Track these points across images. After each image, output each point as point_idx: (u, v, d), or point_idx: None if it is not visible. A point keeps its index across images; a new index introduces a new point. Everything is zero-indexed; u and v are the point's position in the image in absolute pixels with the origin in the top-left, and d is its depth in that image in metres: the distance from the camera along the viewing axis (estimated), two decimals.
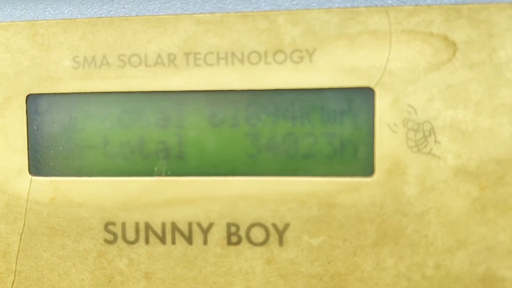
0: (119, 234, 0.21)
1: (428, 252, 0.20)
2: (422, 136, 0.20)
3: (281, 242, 0.21)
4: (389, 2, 0.20)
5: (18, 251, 0.22)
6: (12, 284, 0.22)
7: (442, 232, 0.20)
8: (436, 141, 0.20)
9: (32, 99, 0.21)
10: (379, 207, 0.20)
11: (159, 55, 0.21)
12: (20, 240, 0.22)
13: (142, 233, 0.21)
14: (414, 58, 0.19)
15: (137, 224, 0.21)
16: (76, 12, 0.21)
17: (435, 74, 0.19)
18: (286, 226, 0.20)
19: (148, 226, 0.21)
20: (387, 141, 0.20)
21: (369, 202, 0.20)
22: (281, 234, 0.20)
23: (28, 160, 0.21)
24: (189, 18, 0.20)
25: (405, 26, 0.19)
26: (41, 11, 0.21)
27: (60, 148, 0.22)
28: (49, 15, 0.21)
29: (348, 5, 0.20)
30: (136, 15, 0.21)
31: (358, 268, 0.20)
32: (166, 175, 0.21)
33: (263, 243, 0.21)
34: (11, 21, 0.21)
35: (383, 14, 0.19)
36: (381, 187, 0.20)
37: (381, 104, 0.20)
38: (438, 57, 0.19)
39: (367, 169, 0.20)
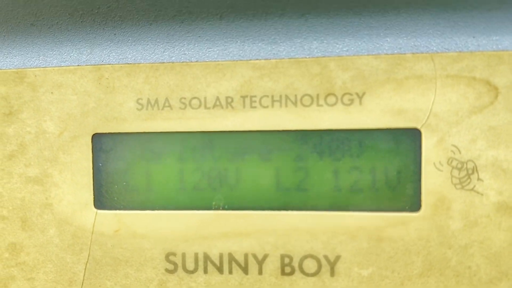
0: (179, 264, 0.23)
1: (472, 282, 0.21)
2: (465, 174, 0.21)
3: (332, 273, 0.22)
4: (434, 48, 0.21)
5: (83, 280, 0.23)
6: None
7: (485, 264, 0.21)
8: (479, 179, 0.21)
9: (97, 138, 0.23)
10: (425, 240, 0.21)
11: (217, 98, 0.22)
12: (85, 269, 0.23)
13: (201, 263, 0.23)
14: (458, 101, 0.21)
15: (196, 255, 0.23)
16: (139, 57, 0.23)
17: (478, 116, 0.21)
18: (337, 257, 0.22)
19: (206, 257, 0.23)
20: (433, 179, 0.21)
21: (416, 236, 0.21)
22: (332, 265, 0.22)
23: (94, 195, 0.23)
24: (246, 64, 0.22)
25: (449, 71, 0.21)
26: (106, 56, 0.23)
27: (124, 183, 0.23)
28: (114, 60, 0.23)
29: (396, 51, 0.21)
30: (196, 61, 0.22)
31: None
32: (223, 209, 0.23)
33: (315, 273, 0.22)
34: (78, 65, 0.23)
35: (428, 60, 0.21)
36: (427, 221, 0.21)
37: (427, 144, 0.21)
38: (481, 100, 0.21)
39: (414, 205, 0.21)
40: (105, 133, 0.23)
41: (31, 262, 0.24)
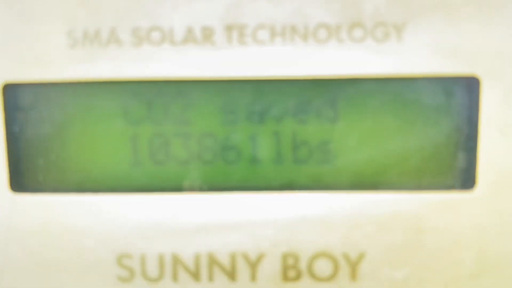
0: (137, 269, 0.16)
1: None
2: None
3: (354, 277, 0.16)
4: None
5: None
6: None
7: None
8: None
9: (10, 90, 0.16)
10: (481, 229, 0.16)
11: (189, 29, 0.15)
12: None
13: (168, 268, 0.16)
14: None
15: (161, 256, 0.16)
16: None
17: None
18: (361, 256, 0.16)
19: (176, 259, 0.16)
20: (494, 147, 0.15)
21: (468, 224, 0.16)
22: (354, 266, 0.16)
23: (9, 173, 0.16)
24: None
25: None
26: None
27: (53, 156, 0.16)
28: None
29: None
30: None
31: None
32: (201, 190, 0.16)
33: (331, 278, 0.16)
34: None
35: None
36: (484, 204, 0.16)
37: (489, 98, 0.15)
38: None
39: (467, 182, 0.16)
40: (22, 83, 0.16)
41: None
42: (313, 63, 0.15)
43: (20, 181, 0.16)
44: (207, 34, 0.15)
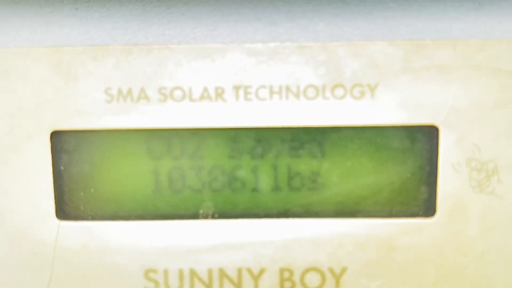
0: (161, 282, 0.20)
1: None
2: (485, 175, 0.19)
3: (338, 287, 0.19)
4: (456, 34, 0.18)
5: None
6: None
7: (504, 272, 0.19)
8: (499, 181, 0.19)
9: (57, 136, 0.19)
10: (440, 248, 0.19)
11: (205, 89, 0.19)
12: None
13: (186, 281, 0.20)
14: (480, 94, 0.18)
15: (181, 271, 0.19)
16: (107, 38, 0.19)
17: (502, 111, 0.18)
18: (344, 270, 0.19)
19: (193, 273, 0.20)
20: (449, 181, 0.19)
21: (430, 243, 0.19)
22: (338, 278, 0.19)
23: (55, 204, 0.19)
24: (239, 48, 0.18)
25: (472, 60, 0.18)
26: (65, 35, 0.19)
27: (91, 189, 0.19)
28: (76, 41, 0.19)
29: (414, 36, 0.18)
30: (179, 44, 0.18)
31: None
32: (213, 217, 0.19)
33: None
34: (30, 46, 0.19)
35: (450, 48, 0.18)
36: (442, 227, 0.19)
37: (445, 142, 0.19)
38: (505, 94, 0.18)
39: (429, 210, 0.19)
40: (67, 130, 0.19)
41: None
42: (304, 115, 0.19)
43: (64, 210, 0.20)
44: (219, 93, 0.19)
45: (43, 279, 0.20)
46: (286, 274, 0.19)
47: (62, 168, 0.19)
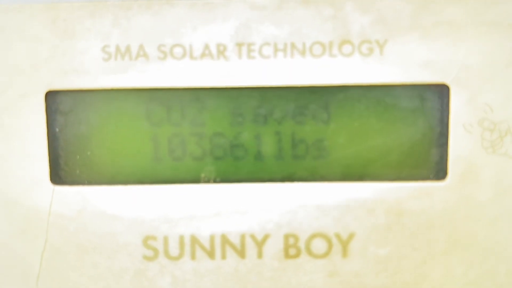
0: (161, 249, 0.19)
1: (499, 259, 0.19)
2: (498, 136, 0.18)
3: (345, 253, 0.19)
4: None
5: (39, 272, 0.19)
6: None
7: None
8: None
9: (52, 96, 0.18)
10: (451, 213, 0.18)
11: (206, 46, 0.18)
12: (41, 259, 0.19)
13: (187, 248, 0.19)
14: (493, 52, 0.18)
15: (181, 238, 0.19)
16: None
17: None
18: (351, 236, 0.19)
19: (194, 240, 0.19)
20: (461, 142, 0.18)
21: (440, 208, 0.18)
22: (345, 244, 0.19)
23: (50, 168, 0.18)
24: (242, 3, 0.18)
25: (484, 17, 0.18)
26: None
27: (88, 153, 0.19)
28: None
29: None
30: None
31: (427, 278, 0.19)
32: (215, 181, 0.19)
33: (325, 255, 0.19)
34: (25, 3, 0.18)
35: (461, 4, 0.18)
36: (453, 191, 0.18)
37: (456, 102, 0.18)
38: None
39: (440, 173, 0.18)
40: (63, 90, 0.18)
41: None
42: (309, 74, 0.18)
43: (60, 175, 0.19)
44: (221, 50, 0.18)
45: (37, 247, 0.19)
46: (291, 240, 0.19)
47: (57, 130, 0.19)
